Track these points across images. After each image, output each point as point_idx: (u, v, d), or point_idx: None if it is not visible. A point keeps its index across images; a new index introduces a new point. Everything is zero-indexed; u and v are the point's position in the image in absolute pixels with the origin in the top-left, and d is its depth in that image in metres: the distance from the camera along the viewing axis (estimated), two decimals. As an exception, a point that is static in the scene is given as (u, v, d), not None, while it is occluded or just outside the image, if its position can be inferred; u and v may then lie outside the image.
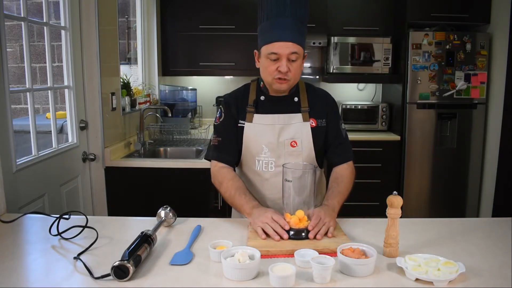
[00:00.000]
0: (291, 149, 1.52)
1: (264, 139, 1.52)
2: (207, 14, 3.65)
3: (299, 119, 1.53)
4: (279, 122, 1.52)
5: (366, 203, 3.58)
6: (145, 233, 1.16)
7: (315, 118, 1.54)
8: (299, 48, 1.42)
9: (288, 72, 1.42)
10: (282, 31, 1.40)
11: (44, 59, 4.41)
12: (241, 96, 1.59)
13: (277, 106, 1.54)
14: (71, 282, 1.03)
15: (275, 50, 1.40)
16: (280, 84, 1.46)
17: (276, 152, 1.51)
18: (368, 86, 4.15)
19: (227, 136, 1.56)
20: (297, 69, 1.45)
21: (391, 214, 1.14)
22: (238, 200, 1.43)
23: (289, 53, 1.40)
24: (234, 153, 1.57)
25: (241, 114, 1.55)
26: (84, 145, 2.44)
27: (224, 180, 1.50)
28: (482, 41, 3.44)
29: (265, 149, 1.52)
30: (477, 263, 1.12)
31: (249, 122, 1.53)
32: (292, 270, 1.00)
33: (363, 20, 3.70)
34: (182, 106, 3.72)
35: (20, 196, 1.82)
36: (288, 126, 1.52)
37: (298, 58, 1.44)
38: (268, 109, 1.54)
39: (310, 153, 1.53)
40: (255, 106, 1.54)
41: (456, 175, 3.58)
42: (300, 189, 1.28)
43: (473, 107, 3.51)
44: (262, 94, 1.57)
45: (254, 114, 1.53)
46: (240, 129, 1.54)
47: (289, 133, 1.52)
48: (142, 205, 1.97)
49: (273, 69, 1.43)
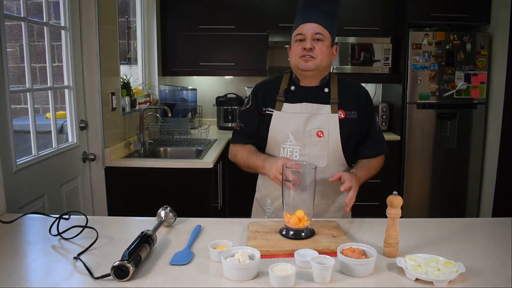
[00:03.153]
0: (317, 139, 1.53)
1: (291, 127, 1.54)
2: (207, 14, 3.65)
3: (328, 110, 1.54)
4: (307, 111, 1.54)
5: (366, 203, 3.57)
6: (145, 233, 1.16)
7: (344, 110, 1.56)
8: (323, 30, 1.49)
9: (313, 49, 1.48)
10: (308, 17, 1.51)
11: (44, 59, 4.41)
12: (271, 85, 1.63)
13: (307, 95, 1.57)
14: (71, 282, 1.03)
15: (301, 31, 1.50)
16: (305, 62, 1.50)
17: (302, 140, 1.53)
18: (368, 86, 4.15)
19: (249, 122, 1.62)
20: (324, 49, 1.51)
21: (391, 214, 1.14)
22: (251, 161, 1.54)
23: (313, 33, 1.48)
24: (255, 138, 1.63)
25: (270, 102, 1.59)
26: (84, 145, 2.44)
27: (238, 150, 1.61)
28: (482, 41, 3.44)
29: (291, 137, 1.54)
30: (477, 263, 1.12)
31: (278, 111, 1.56)
32: (292, 270, 1.00)
33: (363, 20, 3.69)
34: (182, 106, 3.72)
35: (20, 196, 1.82)
36: (315, 115, 1.54)
37: (324, 40, 1.50)
38: (297, 98, 1.57)
39: (336, 144, 1.54)
40: (285, 95, 1.58)
41: (456, 175, 3.57)
42: (300, 189, 1.28)
43: (473, 107, 3.51)
44: (293, 84, 1.60)
45: (284, 103, 1.57)
46: (268, 116, 1.58)
47: (316, 123, 1.53)
48: (142, 205, 1.97)
49: (299, 49, 1.50)
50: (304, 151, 1.52)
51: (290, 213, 1.29)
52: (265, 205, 1.66)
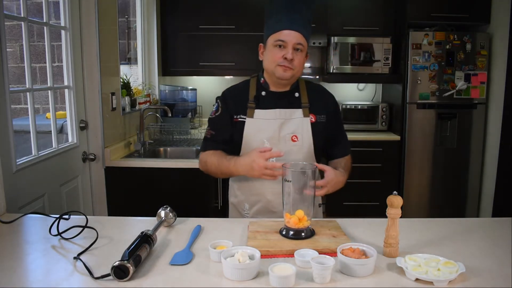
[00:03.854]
0: (291, 144, 1.54)
1: (266, 134, 1.54)
2: (207, 14, 3.65)
3: (300, 115, 1.56)
4: (281, 116, 1.55)
5: (366, 203, 3.58)
6: (145, 233, 1.16)
7: (315, 113, 1.57)
8: (304, 41, 1.49)
9: (293, 60, 1.47)
10: (291, 22, 1.47)
11: (44, 59, 4.41)
12: (240, 91, 1.61)
13: (278, 101, 1.57)
14: (71, 282, 1.03)
15: (283, 37, 1.47)
16: (284, 72, 1.49)
17: (277, 146, 1.52)
18: (368, 86, 4.15)
19: (221, 129, 1.59)
20: (301, 60, 1.51)
21: (391, 214, 1.14)
22: (223, 166, 1.50)
23: (295, 42, 1.47)
24: (226, 145, 1.60)
25: (241, 109, 1.57)
26: (84, 145, 2.44)
27: (207, 157, 1.56)
28: (482, 41, 3.44)
29: (266, 144, 1.53)
30: (477, 263, 1.12)
31: (250, 117, 1.55)
32: (292, 270, 1.00)
33: (363, 20, 3.70)
34: (182, 106, 3.72)
35: (20, 196, 1.82)
36: (289, 121, 1.55)
37: (303, 51, 1.50)
38: (269, 104, 1.57)
39: (310, 148, 1.55)
40: (256, 101, 1.57)
41: (456, 175, 3.57)
42: (300, 189, 1.28)
43: (473, 107, 3.51)
44: (263, 90, 1.59)
45: (255, 109, 1.56)
46: (240, 124, 1.56)
47: (290, 128, 1.54)
48: (142, 205, 1.97)
49: (279, 56, 1.48)
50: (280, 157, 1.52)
51: (290, 213, 1.29)
52: (243, 209, 1.63)
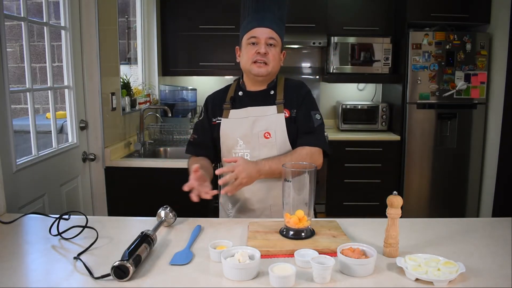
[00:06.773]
0: (265, 141, 1.55)
1: (239, 132, 1.56)
2: (207, 14, 3.65)
3: (274, 111, 1.57)
4: (253, 114, 1.57)
5: (366, 203, 3.58)
6: (145, 233, 1.16)
7: (289, 108, 1.58)
8: (276, 36, 1.53)
9: (266, 54, 1.51)
10: (261, 21, 1.53)
11: (44, 59, 4.41)
12: (220, 95, 1.66)
13: (253, 100, 1.60)
14: (71, 282, 1.03)
15: (254, 34, 1.52)
16: (259, 68, 1.52)
17: (251, 144, 1.55)
18: (368, 86, 4.15)
19: (202, 134, 1.65)
20: (276, 55, 1.54)
21: (391, 214, 1.14)
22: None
23: (267, 38, 1.51)
24: (208, 149, 1.64)
25: (219, 112, 1.62)
26: (84, 145, 2.44)
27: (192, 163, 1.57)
28: (482, 41, 3.44)
29: (240, 142, 1.56)
30: (477, 263, 1.12)
31: (225, 118, 1.59)
32: (292, 270, 1.00)
33: (363, 20, 3.70)
34: (182, 106, 3.72)
35: (20, 196, 1.82)
36: (261, 118, 1.56)
37: (276, 46, 1.54)
38: (244, 103, 1.60)
39: (284, 143, 1.55)
40: (231, 102, 1.61)
41: (456, 175, 3.58)
42: (300, 189, 1.28)
43: (473, 107, 3.51)
44: (241, 90, 1.63)
45: (230, 110, 1.60)
46: (217, 126, 1.60)
47: (263, 125, 1.55)
48: (142, 205, 1.97)
49: (252, 53, 1.52)
50: (254, 154, 1.55)
51: (290, 213, 1.29)
52: (227, 209, 1.69)
